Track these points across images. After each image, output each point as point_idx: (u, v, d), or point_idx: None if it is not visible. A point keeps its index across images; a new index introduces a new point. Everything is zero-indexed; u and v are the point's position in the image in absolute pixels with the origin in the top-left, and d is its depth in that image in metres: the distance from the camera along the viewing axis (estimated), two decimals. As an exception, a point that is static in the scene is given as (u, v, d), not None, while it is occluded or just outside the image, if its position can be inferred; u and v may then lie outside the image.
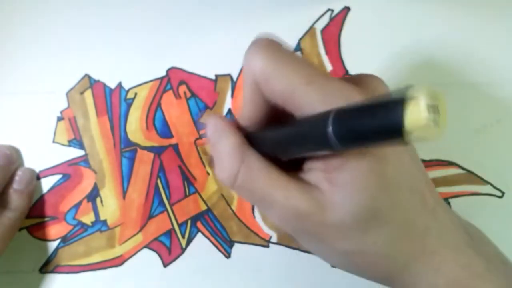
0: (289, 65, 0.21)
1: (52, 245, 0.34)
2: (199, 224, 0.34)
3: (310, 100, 0.21)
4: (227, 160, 0.23)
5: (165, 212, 0.34)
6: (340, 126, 0.17)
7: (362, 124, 0.16)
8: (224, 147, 0.23)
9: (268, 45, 0.22)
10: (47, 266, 0.34)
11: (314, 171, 0.22)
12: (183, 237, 0.34)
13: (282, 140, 0.22)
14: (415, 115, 0.14)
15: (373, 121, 0.16)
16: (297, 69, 0.21)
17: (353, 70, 0.34)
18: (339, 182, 0.20)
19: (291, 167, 0.23)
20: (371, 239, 0.21)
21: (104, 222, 0.34)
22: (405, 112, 0.14)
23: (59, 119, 0.35)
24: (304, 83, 0.21)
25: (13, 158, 0.33)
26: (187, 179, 0.34)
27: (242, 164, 0.22)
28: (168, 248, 0.34)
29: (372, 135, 0.16)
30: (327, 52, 0.34)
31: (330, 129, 0.18)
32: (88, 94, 0.35)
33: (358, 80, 0.23)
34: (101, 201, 0.34)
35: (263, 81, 0.21)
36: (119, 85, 0.35)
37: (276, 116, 0.23)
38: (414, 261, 0.22)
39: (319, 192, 0.21)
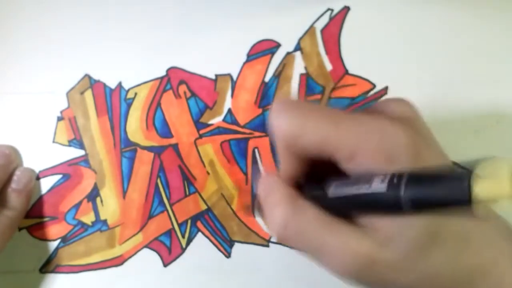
0: (313, 116, 0.21)
1: (52, 245, 0.34)
2: (199, 224, 0.34)
3: (343, 142, 0.21)
4: (277, 210, 0.23)
5: (165, 212, 0.34)
6: (413, 191, 0.18)
7: (438, 193, 0.17)
8: (275, 198, 0.23)
9: (288, 104, 0.22)
10: (47, 266, 0.34)
11: None
12: (183, 236, 0.34)
13: (340, 197, 0.22)
14: (496, 190, 0.15)
15: (449, 193, 0.16)
16: (322, 117, 0.21)
17: (353, 69, 0.34)
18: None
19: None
20: (434, 261, 0.21)
21: (104, 222, 0.34)
22: (483, 190, 0.15)
23: (59, 119, 0.35)
24: (333, 128, 0.21)
25: (12, 157, 0.33)
26: (187, 179, 0.34)
27: (293, 212, 0.22)
28: (168, 248, 0.34)
29: (449, 206, 0.17)
30: (327, 52, 0.34)
31: (402, 196, 0.18)
32: (88, 94, 0.35)
33: (385, 107, 0.23)
34: (101, 201, 0.34)
35: (293, 139, 0.22)
36: (119, 85, 0.35)
37: (316, 161, 0.23)
38: (474, 276, 0.22)
39: (374, 231, 0.21)
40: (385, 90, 0.34)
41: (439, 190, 0.16)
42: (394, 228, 0.21)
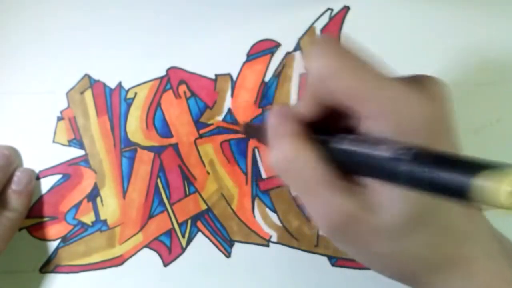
0: (353, 64, 0.21)
1: (52, 245, 0.34)
2: (199, 224, 0.34)
3: (371, 99, 0.20)
4: (284, 145, 0.23)
5: (165, 212, 0.34)
6: (414, 170, 0.17)
7: (438, 178, 0.16)
8: (284, 132, 0.23)
9: (333, 43, 0.22)
10: (47, 266, 0.34)
11: None
12: (183, 236, 0.34)
13: (345, 152, 0.22)
14: (493, 197, 0.15)
15: (448, 182, 0.16)
16: (361, 70, 0.21)
17: (353, 69, 0.34)
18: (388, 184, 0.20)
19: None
20: (412, 242, 0.21)
21: (104, 222, 0.34)
22: (484, 191, 0.15)
23: (59, 119, 0.35)
24: (368, 82, 0.21)
25: (12, 158, 0.33)
26: (187, 178, 0.34)
27: (295, 151, 0.22)
28: (168, 248, 0.34)
29: (443, 192, 0.16)
30: (327, 52, 0.34)
31: (403, 168, 0.18)
32: (88, 94, 0.35)
33: (420, 83, 0.22)
34: (101, 201, 0.34)
35: (325, 80, 0.21)
36: (119, 85, 0.35)
37: (331, 115, 0.23)
38: (448, 266, 0.22)
39: (368, 193, 0.21)
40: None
41: (439, 176, 0.16)
42: (388, 196, 0.21)
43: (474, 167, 0.15)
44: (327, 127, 0.24)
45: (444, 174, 0.16)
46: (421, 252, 0.22)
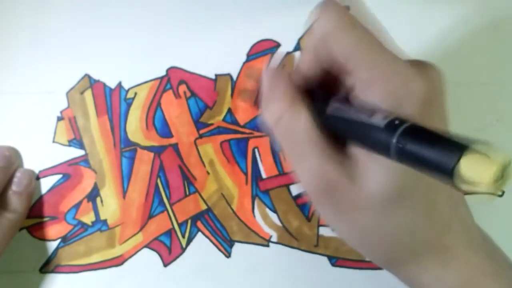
0: (357, 28, 0.21)
1: (52, 245, 0.34)
2: (199, 224, 0.34)
3: (369, 65, 0.21)
4: (277, 101, 0.23)
5: (165, 212, 0.34)
6: (405, 143, 0.18)
7: (427, 152, 0.17)
8: (278, 89, 0.23)
9: (338, 6, 0.22)
10: (47, 266, 0.34)
11: None
12: (183, 236, 0.34)
13: (338, 116, 0.22)
14: (482, 176, 0.15)
15: (436, 156, 0.16)
16: (364, 33, 0.21)
17: (353, 69, 0.34)
18: (376, 156, 0.20)
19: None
20: (394, 219, 0.21)
21: (104, 221, 0.34)
22: (468, 169, 0.15)
23: (59, 119, 0.35)
24: (369, 48, 0.21)
25: (13, 159, 0.33)
26: (187, 178, 0.34)
27: (289, 109, 0.22)
28: (168, 248, 0.34)
29: (432, 168, 0.17)
30: (327, 52, 0.34)
31: (394, 140, 0.18)
32: (88, 94, 0.35)
33: (420, 65, 0.22)
34: (101, 201, 0.34)
35: (327, 39, 0.21)
36: (119, 85, 0.35)
37: (327, 81, 0.23)
38: (428, 252, 0.22)
39: (354, 164, 0.21)
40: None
41: (429, 149, 0.17)
42: (374, 167, 0.21)
43: (464, 145, 0.16)
44: (323, 94, 0.24)
45: (434, 149, 0.16)
46: (402, 233, 0.22)
